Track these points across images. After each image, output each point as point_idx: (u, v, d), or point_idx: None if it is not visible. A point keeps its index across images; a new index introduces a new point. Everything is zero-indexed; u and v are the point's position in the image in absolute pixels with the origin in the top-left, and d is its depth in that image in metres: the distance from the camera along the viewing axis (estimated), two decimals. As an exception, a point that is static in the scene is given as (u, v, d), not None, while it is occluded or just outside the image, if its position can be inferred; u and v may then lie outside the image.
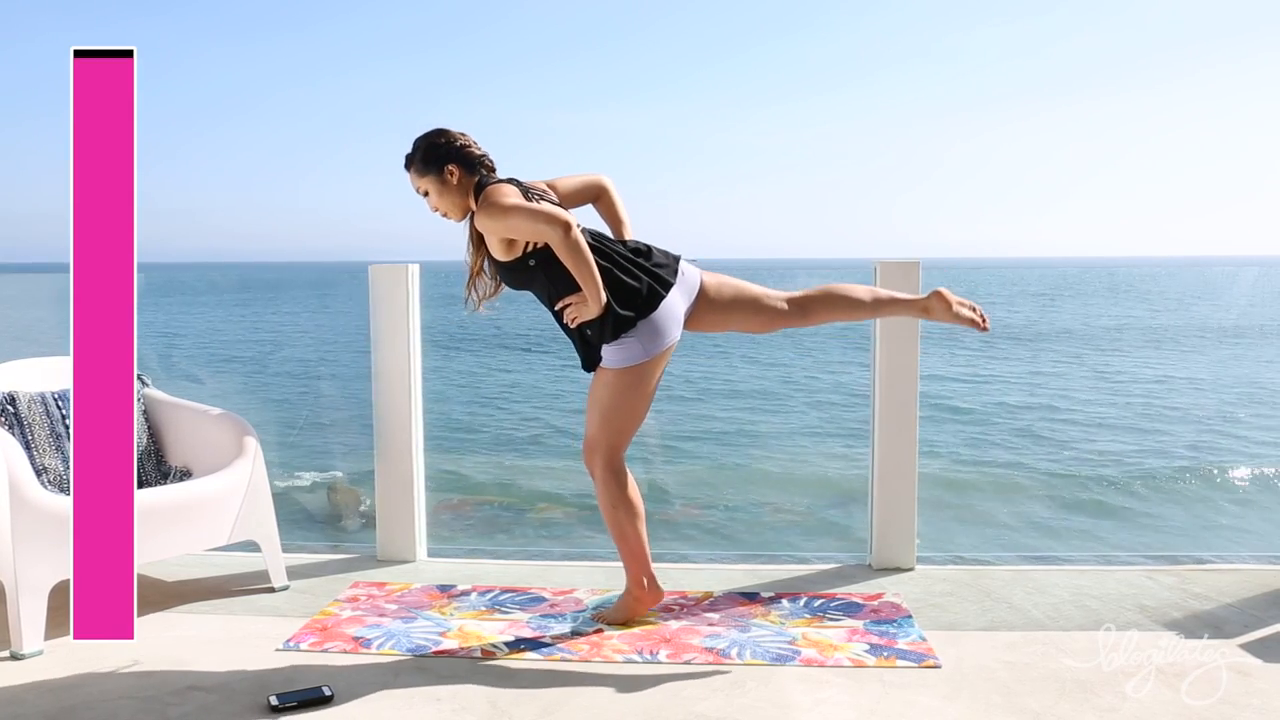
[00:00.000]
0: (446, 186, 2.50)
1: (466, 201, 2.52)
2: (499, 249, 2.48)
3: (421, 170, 2.51)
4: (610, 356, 2.54)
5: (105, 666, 2.38)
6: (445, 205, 2.52)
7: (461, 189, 2.51)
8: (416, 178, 2.53)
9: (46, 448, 2.85)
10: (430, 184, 2.51)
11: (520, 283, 2.55)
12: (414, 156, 2.52)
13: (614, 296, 2.45)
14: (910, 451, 3.18)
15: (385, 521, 3.33)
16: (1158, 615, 2.72)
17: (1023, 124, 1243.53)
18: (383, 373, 3.30)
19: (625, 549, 2.64)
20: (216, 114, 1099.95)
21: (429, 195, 2.52)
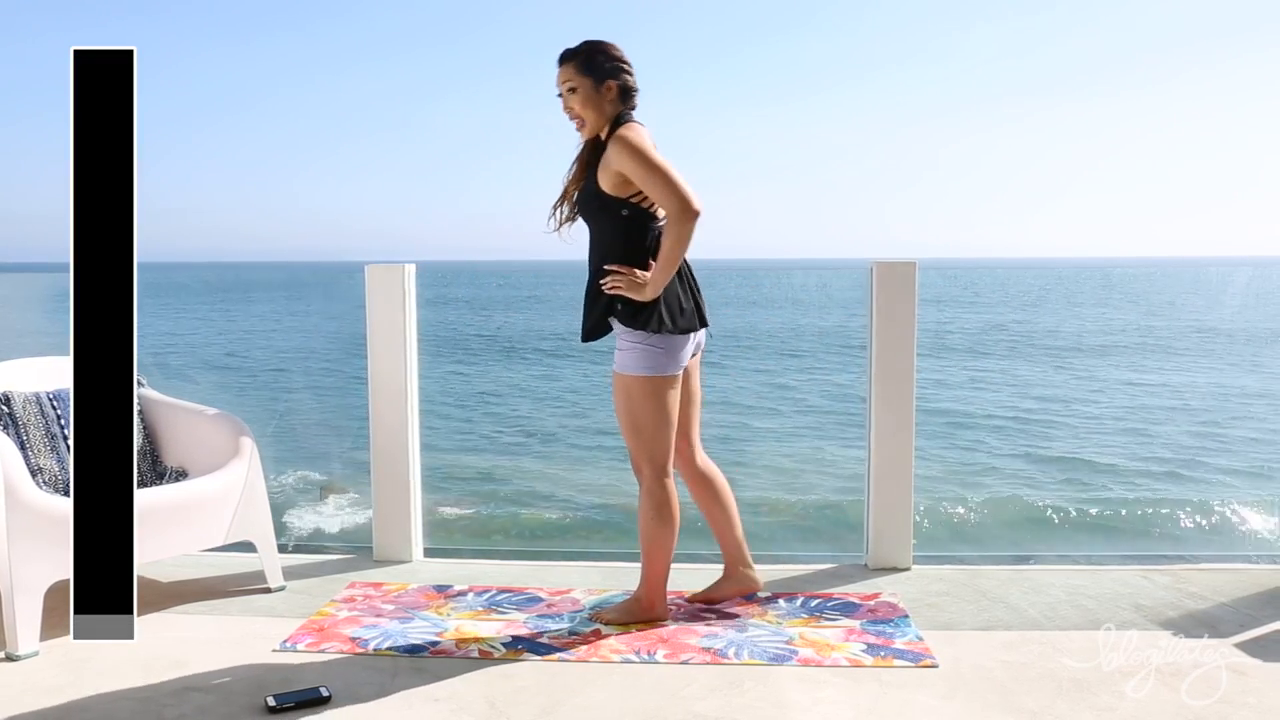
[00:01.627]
0: (598, 99, 2.48)
1: (603, 122, 2.50)
2: (612, 181, 2.46)
3: (582, 70, 2.48)
4: (622, 358, 2.53)
5: (101, 668, 2.38)
6: (586, 113, 2.49)
7: (608, 109, 2.49)
8: (574, 73, 2.48)
9: (42, 448, 2.84)
10: (584, 87, 2.48)
11: (594, 217, 2.52)
12: (578, 54, 2.49)
13: (664, 297, 2.48)
14: (906, 452, 3.18)
15: (382, 521, 3.32)
16: (1154, 615, 2.73)
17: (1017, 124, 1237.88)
18: (379, 373, 3.30)
19: (650, 561, 2.64)
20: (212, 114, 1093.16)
21: (575, 94, 2.48)
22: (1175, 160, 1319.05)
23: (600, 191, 2.48)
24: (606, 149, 2.46)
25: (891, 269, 3.16)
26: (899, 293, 3.15)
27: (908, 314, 3.15)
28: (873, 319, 3.17)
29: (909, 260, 3.17)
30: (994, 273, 70.65)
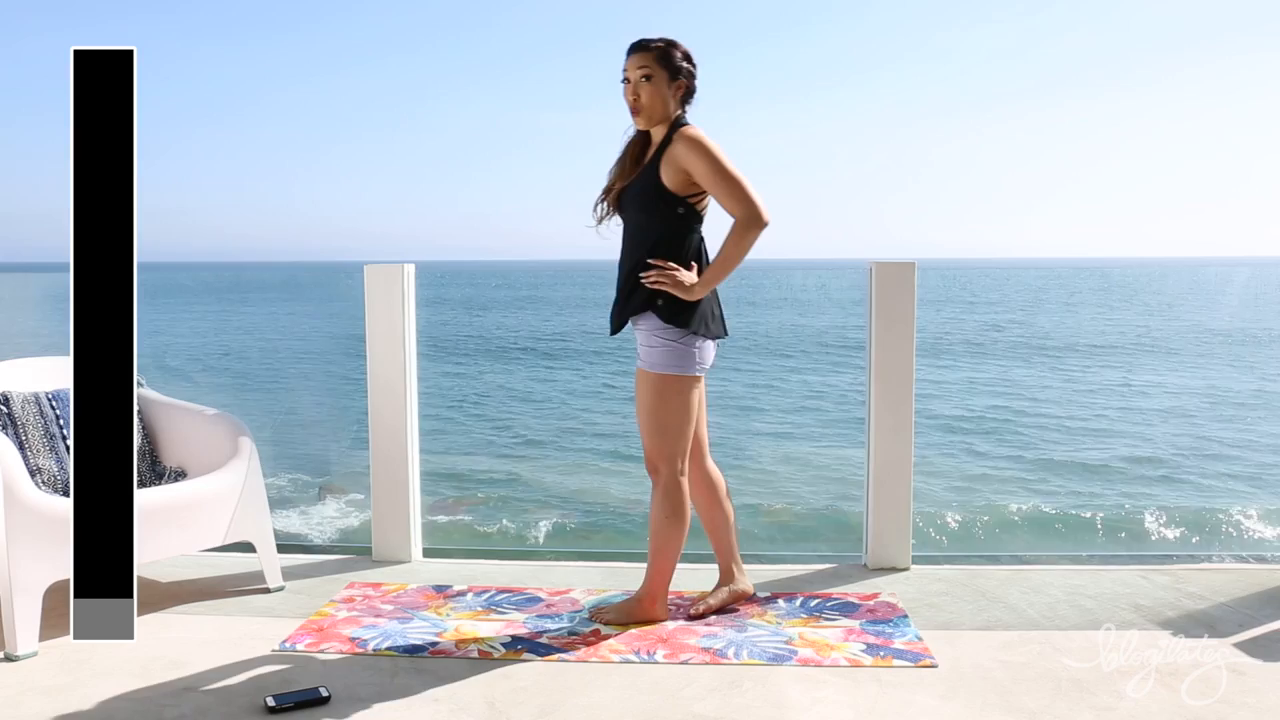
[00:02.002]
0: (666, 93, 2.52)
1: (663, 116, 2.53)
2: (676, 178, 2.48)
3: (660, 62, 2.51)
4: (653, 355, 2.53)
5: (100, 668, 2.37)
6: (651, 102, 2.51)
7: (670, 105, 2.53)
8: (652, 62, 2.51)
9: (41, 448, 2.84)
10: (658, 76, 2.51)
11: (646, 211, 2.52)
12: (658, 46, 2.52)
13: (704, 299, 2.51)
14: (906, 452, 3.18)
15: (380, 521, 3.32)
16: (1152, 614, 2.73)
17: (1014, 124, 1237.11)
18: (377, 373, 3.30)
19: (658, 560, 2.65)
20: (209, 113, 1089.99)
21: (646, 82, 2.50)
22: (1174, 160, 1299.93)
23: (662, 186, 2.49)
24: (670, 146, 2.48)
25: (890, 269, 3.16)
26: (898, 293, 3.15)
27: (907, 314, 3.15)
28: (872, 319, 3.17)
29: (908, 261, 3.18)
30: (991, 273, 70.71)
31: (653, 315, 2.50)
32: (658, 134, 2.56)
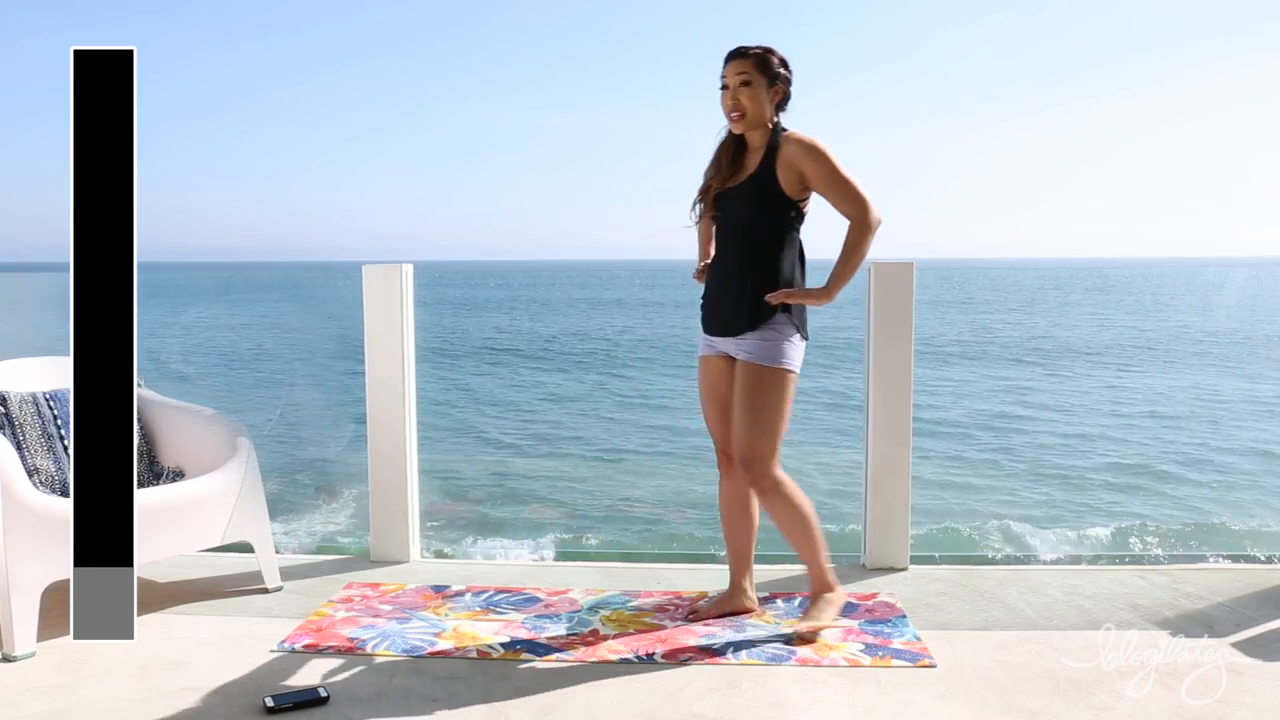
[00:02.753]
0: (765, 98, 2.56)
1: (762, 120, 2.57)
2: (791, 181, 2.52)
3: (759, 68, 2.55)
4: (768, 350, 2.53)
5: (98, 668, 2.37)
6: (751, 106, 2.55)
7: (768, 110, 2.57)
8: (751, 69, 2.55)
9: (38, 448, 2.83)
10: (758, 81, 2.55)
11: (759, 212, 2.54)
12: (758, 54, 2.56)
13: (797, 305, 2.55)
14: (904, 452, 3.18)
15: (379, 522, 3.32)
16: (1150, 614, 2.73)
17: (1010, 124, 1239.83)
18: (376, 373, 3.30)
19: (807, 553, 2.64)
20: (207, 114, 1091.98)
21: (746, 88, 2.54)
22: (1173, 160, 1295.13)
23: (778, 189, 2.52)
24: (783, 149, 2.52)
25: (889, 269, 3.16)
26: (896, 293, 3.15)
27: (905, 314, 3.15)
28: (870, 319, 3.17)
29: (906, 261, 3.18)
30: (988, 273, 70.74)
31: (782, 313, 2.53)
32: (755, 138, 2.59)
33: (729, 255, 2.59)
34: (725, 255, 2.61)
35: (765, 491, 2.57)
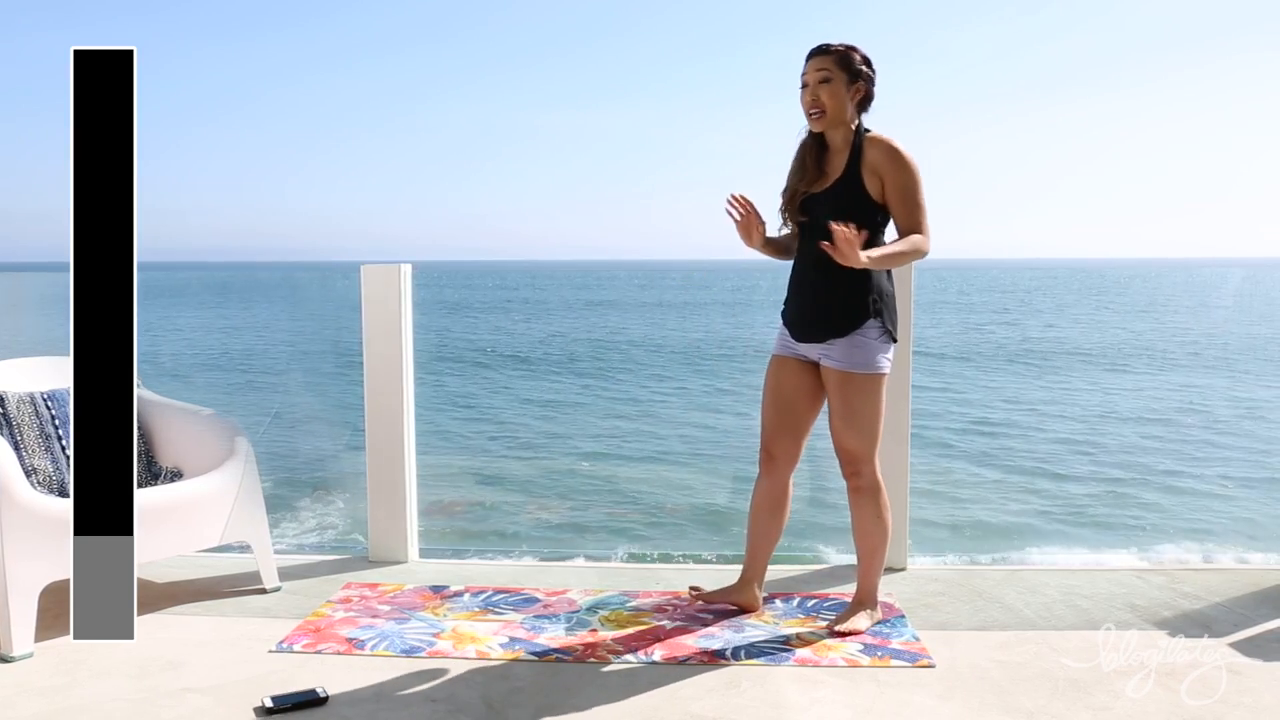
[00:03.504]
0: (846, 95, 2.54)
1: (842, 118, 2.55)
2: (876, 186, 2.51)
3: (840, 65, 2.53)
4: (863, 356, 2.54)
5: (96, 669, 2.37)
6: (831, 104, 2.53)
7: (849, 109, 2.55)
8: (832, 65, 2.53)
9: (36, 448, 2.83)
10: (839, 79, 2.53)
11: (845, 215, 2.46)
12: (838, 50, 2.54)
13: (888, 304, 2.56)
14: (902, 452, 3.18)
15: (377, 522, 3.32)
16: (1148, 615, 2.73)
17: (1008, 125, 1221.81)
18: (374, 373, 3.29)
19: (872, 563, 2.67)
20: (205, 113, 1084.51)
21: (827, 84, 2.52)
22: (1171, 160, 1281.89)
23: (866, 194, 2.51)
24: (868, 152, 2.50)
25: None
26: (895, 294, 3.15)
27: (903, 315, 3.15)
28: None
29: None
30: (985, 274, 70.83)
31: (873, 319, 2.53)
32: (836, 138, 2.57)
33: (817, 261, 2.51)
34: (812, 261, 2.55)
35: (861, 490, 2.62)
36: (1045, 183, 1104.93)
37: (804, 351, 2.64)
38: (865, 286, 2.52)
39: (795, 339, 2.64)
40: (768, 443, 2.72)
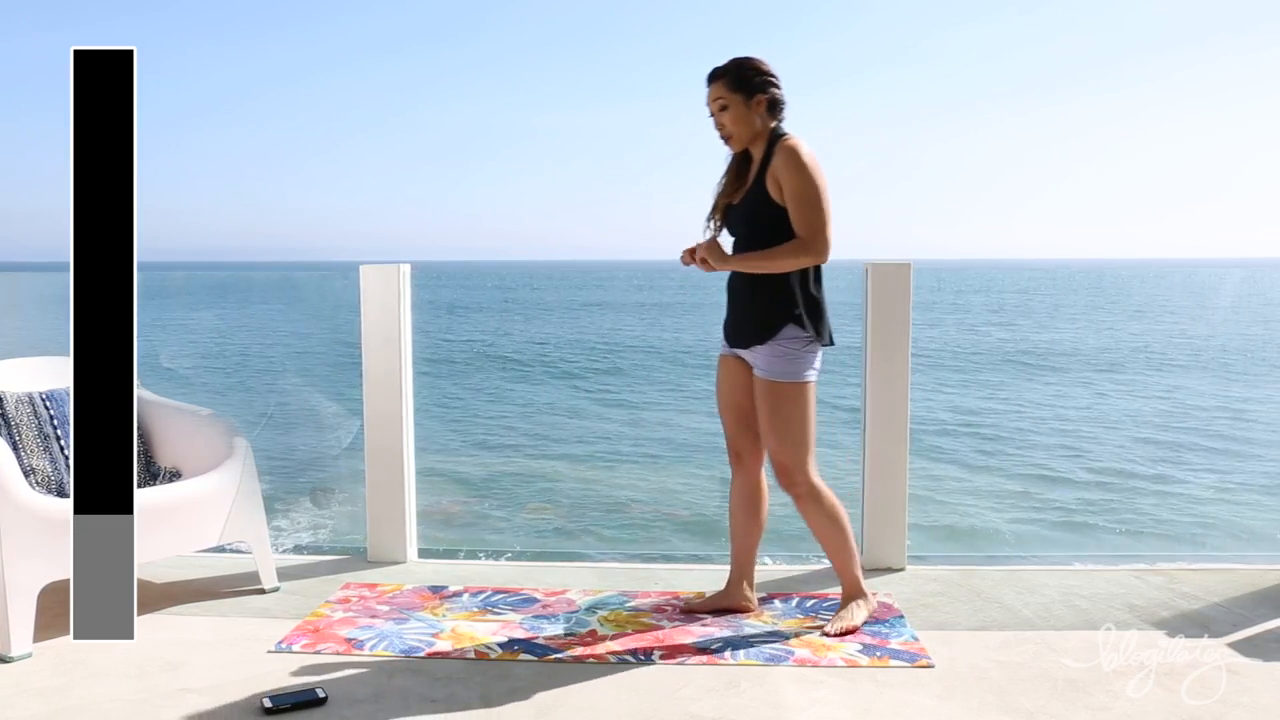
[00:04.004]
0: (748, 114, 2.54)
1: (754, 135, 2.55)
2: (778, 191, 2.50)
3: (733, 87, 2.53)
4: (782, 365, 2.52)
5: (95, 669, 2.36)
6: (736, 129, 2.54)
7: (757, 123, 2.55)
8: (725, 91, 2.53)
9: (34, 449, 2.83)
10: (735, 103, 2.53)
11: (761, 225, 2.51)
12: (728, 72, 2.54)
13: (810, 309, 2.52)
14: (901, 453, 3.19)
15: (376, 522, 3.32)
16: (1147, 615, 2.74)
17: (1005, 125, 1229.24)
18: (373, 373, 3.29)
19: (841, 562, 2.65)
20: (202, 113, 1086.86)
21: (726, 111, 2.53)
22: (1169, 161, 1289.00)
23: (771, 201, 2.50)
24: (773, 159, 2.49)
25: (886, 270, 3.17)
26: (893, 294, 3.16)
27: (902, 315, 3.16)
28: (867, 320, 3.18)
29: (903, 261, 3.18)
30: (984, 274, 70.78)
31: (792, 325, 2.51)
32: (756, 150, 2.57)
33: (743, 272, 2.57)
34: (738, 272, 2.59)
35: (801, 498, 2.60)
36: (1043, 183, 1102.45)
37: (740, 353, 2.65)
38: (784, 293, 2.50)
39: (729, 344, 2.67)
40: (731, 442, 2.74)
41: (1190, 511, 8.42)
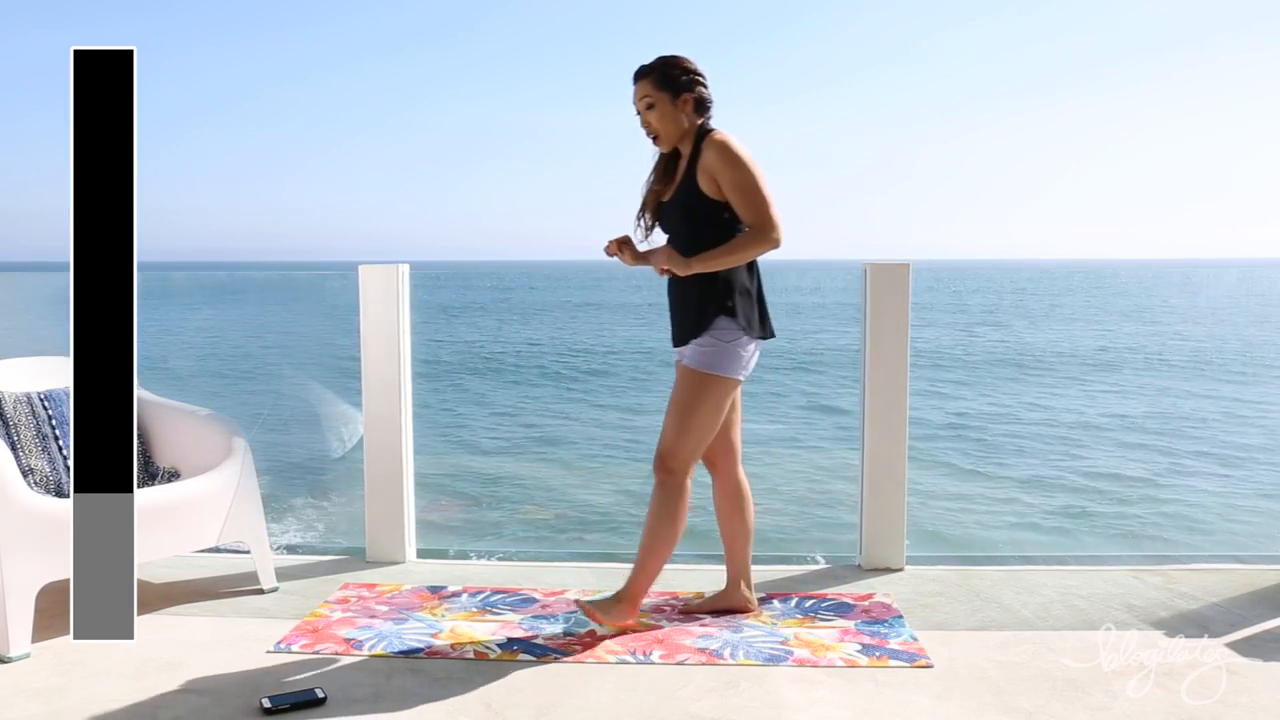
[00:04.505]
0: (675, 112, 2.53)
1: (681, 133, 2.54)
2: (713, 185, 2.49)
3: (659, 86, 2.52)
4: (704, 355, 2.51)
5: (94, 670, 2.36)
6: (664, 127, 2.53)
7: (684, 121, 2.54)
8: (651, 89, 2.52)
9: (33, 448, 2.82)
10: (662, 102, 2.52)
11: (692, 221, 2.51)
12: (654, 71, 2.53)
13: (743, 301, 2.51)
14: (900, 453, 3.19)
15: (374, 522, 3.31)
16: (1145, 615, 2.74)
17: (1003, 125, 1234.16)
18: (372, 373, 3.29)
19: (648, 563, 2.61)
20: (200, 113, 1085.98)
21: (653, 110, 2.52)
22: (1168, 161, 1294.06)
23: (703, 196, 2.50)
24: (703, 154, 2.49)
25: (885, 270, 3.17)
26: (892, 295, 3.16)
27: (901, 316, 3.16)
28: (866, 320, 3.18)
29: (902, 262, 3.18)
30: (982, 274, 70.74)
31: (724, 317, 2.50)
32: (686, 147, 2.57)
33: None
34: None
35: (665, 486, 2.55)
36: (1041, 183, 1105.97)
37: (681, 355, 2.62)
38: (714, 287, 2.50)
39: (673, 345, 2.65)
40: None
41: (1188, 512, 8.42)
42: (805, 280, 44.94)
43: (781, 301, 32.57)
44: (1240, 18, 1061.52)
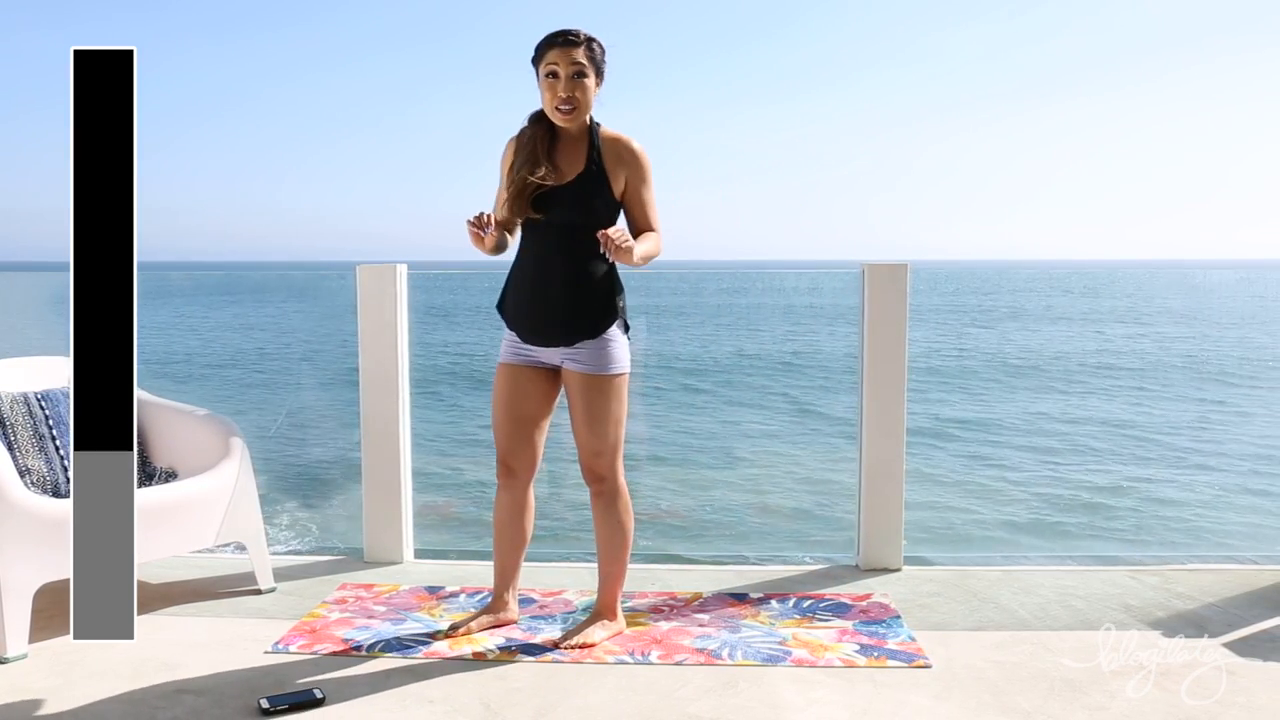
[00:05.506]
0: (593, 92, 2.46)
1: (587, 114, 2.48)
2: (619, 185, 2.47)
3: (591, 60, 2.43)
4: (614, 355, 2.47)
5: (91, 670, 2.36)
6: (584, 100, 2.43)
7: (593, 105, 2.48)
8: (585, 60, 2.41)
9: (30, 449, 2.82)
10: (591, 77, 2.44)
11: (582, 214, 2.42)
12: (593, 44, 2.44)
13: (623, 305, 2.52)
14: (897, 453, 3.19)
15: (372, 522, 3.31)
16: (1142, 615, 2.74)
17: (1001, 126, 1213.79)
18: (370, 373, 3.29)
19: (611, 571, 2.58)
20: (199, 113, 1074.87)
21: (584, 79, 2.41)
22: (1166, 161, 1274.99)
23: (609, 189, 2.47)
24: (622, 153, 2.47)
25: (883, 271, 3.17)
26: (890, 295, 3.16)
27: (899, 316, 3.16)
28: (864, 321, 3.18)
29: (901, 262, 3.19)
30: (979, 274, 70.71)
31: (618, 317, 2.49)
32: (572, 131, 2.48)
33: (550, 259, 2.44)
34: (544, 259, 2.45)
35: (603, 495, 2.53)
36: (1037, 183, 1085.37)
37: (540, 357, 2.51)
38: (612, 287, 2.47)
39: (529, 343, 2.51)
40: (505, 456, 2.58)
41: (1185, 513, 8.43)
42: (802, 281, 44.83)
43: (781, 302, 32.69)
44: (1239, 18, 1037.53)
